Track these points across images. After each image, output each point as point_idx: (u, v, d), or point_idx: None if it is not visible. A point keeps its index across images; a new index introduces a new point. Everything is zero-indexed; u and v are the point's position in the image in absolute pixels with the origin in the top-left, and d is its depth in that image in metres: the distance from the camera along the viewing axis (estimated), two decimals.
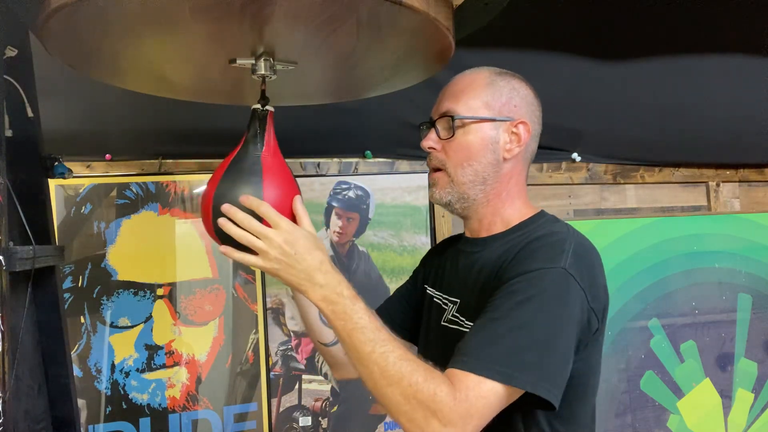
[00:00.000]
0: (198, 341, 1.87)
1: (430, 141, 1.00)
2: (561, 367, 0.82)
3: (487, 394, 0.77)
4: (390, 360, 0.79)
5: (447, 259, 1.10)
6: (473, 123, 0.96)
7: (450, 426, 0.75)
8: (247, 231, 0.85)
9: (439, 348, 0.91)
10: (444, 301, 1.04)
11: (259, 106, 0.94)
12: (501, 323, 0.81)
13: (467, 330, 0.93)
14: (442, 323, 1.01)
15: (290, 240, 0.84)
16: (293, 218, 0.91)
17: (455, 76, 1.03)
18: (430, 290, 1.11)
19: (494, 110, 0.97)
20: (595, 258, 0.91)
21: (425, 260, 1.21)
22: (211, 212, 0.89)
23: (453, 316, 0.99)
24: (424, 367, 0.79)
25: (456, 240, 1.11)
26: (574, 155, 2.28)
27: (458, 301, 1.00)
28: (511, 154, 0.97)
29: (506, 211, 0.99)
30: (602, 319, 0.90)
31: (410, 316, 1.16)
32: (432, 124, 1.01)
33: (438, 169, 1.00)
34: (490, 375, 0.77)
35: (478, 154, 0.96)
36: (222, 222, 0.87)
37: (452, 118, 0.97)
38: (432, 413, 0.75)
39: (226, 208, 0.86)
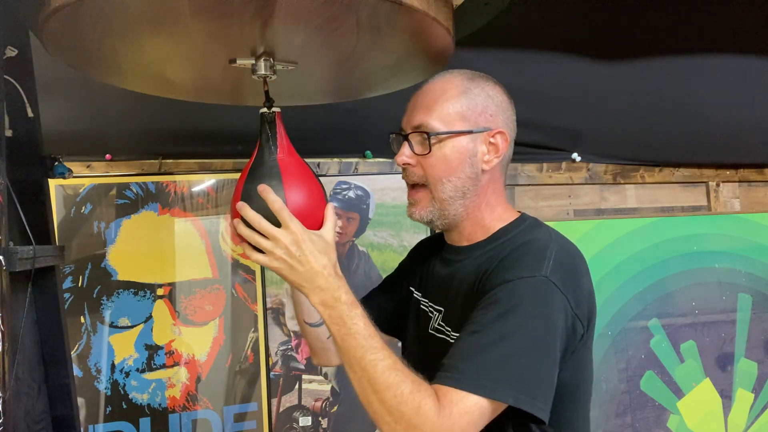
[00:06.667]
0: (198, 341, 1.87)
1: (404, 156, 0.96)
2: (545, 378, 0.80)
3: (471, 409, 0.76)
4: (379, 368, 0.79)
5: (431, 264, 1.08)
6: (450, 138, 0.93)
7: None
8: (257, 230, 0.86)
9: (427, 357, 0.91)
10: (430, 308, 1.03)
11: (265, 109, 0.94)
12: (482, 336, 0.80)
13: (453, 341, 0.91)
14: (430, 331, 1.01)
15: (297, 241, 0.84)
16: (316, 218, 0.91)
17: (425, 84, 0.98)
18: (416, 294, 1.09)
19: (470, 122, 0.93)
20: (579, 262, 0.90)
21: (412, 258, 1.19)
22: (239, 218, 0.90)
23: (439, 325, 0.99)
24: (413, 378, 0.78)
25: (439, 244, 1.08)
26: (574, 155, 2.28)
27: (442, 310, 0.99)
28: (490, 165, 0.95)
29: (485, 219, 0.97)
30: (588, 325, 0.88)
31: (391, 310, 1.14)
32: (405, 137, 0.97)
33: (417, 185, 0.97)
34: (473, 389, 0.76)
35: (457, 169, 0.93)
36: (235, 222, 0.88)
37: (428, 134, 0.93)
38: (414, 427, 0.75)
39: (239, 205, 0.87)
